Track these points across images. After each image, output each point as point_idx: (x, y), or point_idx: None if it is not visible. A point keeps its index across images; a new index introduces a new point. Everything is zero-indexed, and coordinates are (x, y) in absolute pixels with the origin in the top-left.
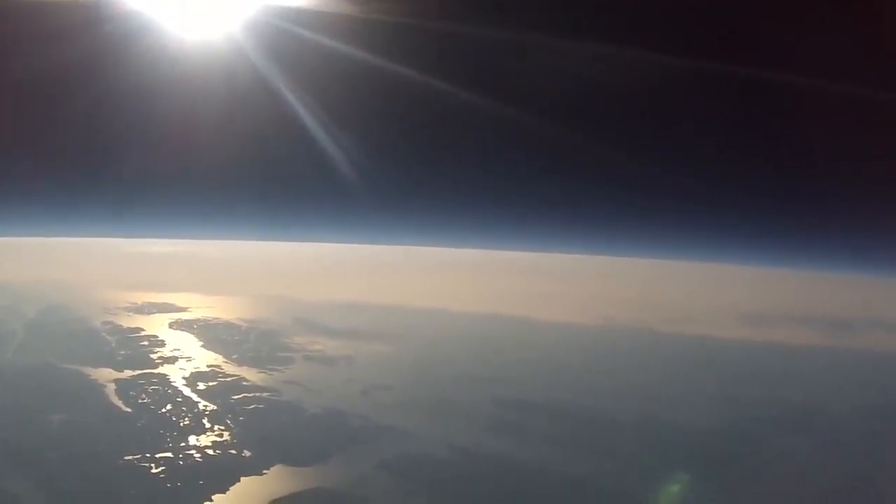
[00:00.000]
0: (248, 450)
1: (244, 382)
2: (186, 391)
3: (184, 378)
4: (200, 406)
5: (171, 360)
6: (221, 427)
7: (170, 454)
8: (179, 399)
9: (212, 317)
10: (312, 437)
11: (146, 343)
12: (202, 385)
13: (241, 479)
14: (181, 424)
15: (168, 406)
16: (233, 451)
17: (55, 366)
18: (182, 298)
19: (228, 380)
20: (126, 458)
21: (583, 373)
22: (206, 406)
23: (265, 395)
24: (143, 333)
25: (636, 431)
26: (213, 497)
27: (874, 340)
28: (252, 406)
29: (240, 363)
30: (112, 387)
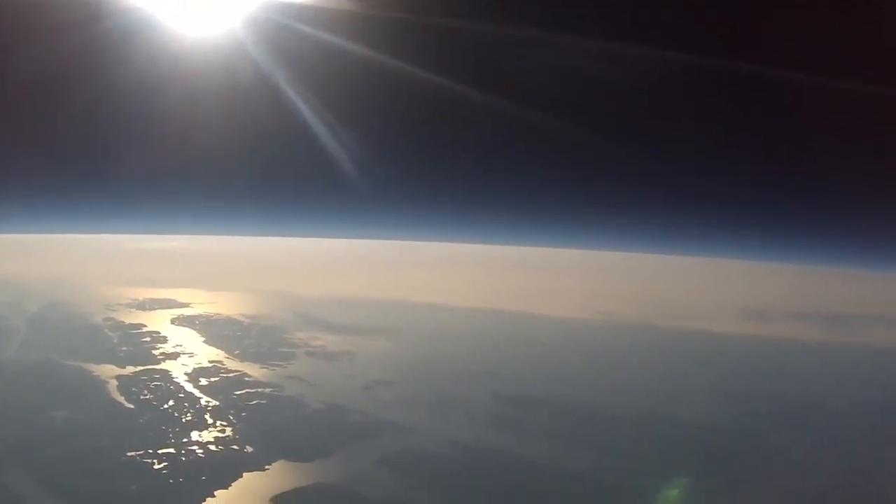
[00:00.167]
0: (251, 445)
1: (246, 378)
2: (188, 387)
3: (186, 374)
4: (202, 402)
5: (173, 356)
6: (224, 423)
7: (172, 450)
8: (181, 395)
9: (213, 313)
10: (314, 433)
11: (148, 339)
12: (204, 381)
13: (244, 475)
14: (183, 420)
15: (170, 402)
16: (235, 447)
17: (57, 362)
18: (184, 294)
19: (230, 375)
20: (128, 454)
21: (582, 368)
22: (209, 402)
23: (267, 391)
24: (145, 329)
25: (636, 426)
26: (216, 493)
27: (873, 336)
28: (254, 402)
29: (242, 359)
30: (114, 383)
